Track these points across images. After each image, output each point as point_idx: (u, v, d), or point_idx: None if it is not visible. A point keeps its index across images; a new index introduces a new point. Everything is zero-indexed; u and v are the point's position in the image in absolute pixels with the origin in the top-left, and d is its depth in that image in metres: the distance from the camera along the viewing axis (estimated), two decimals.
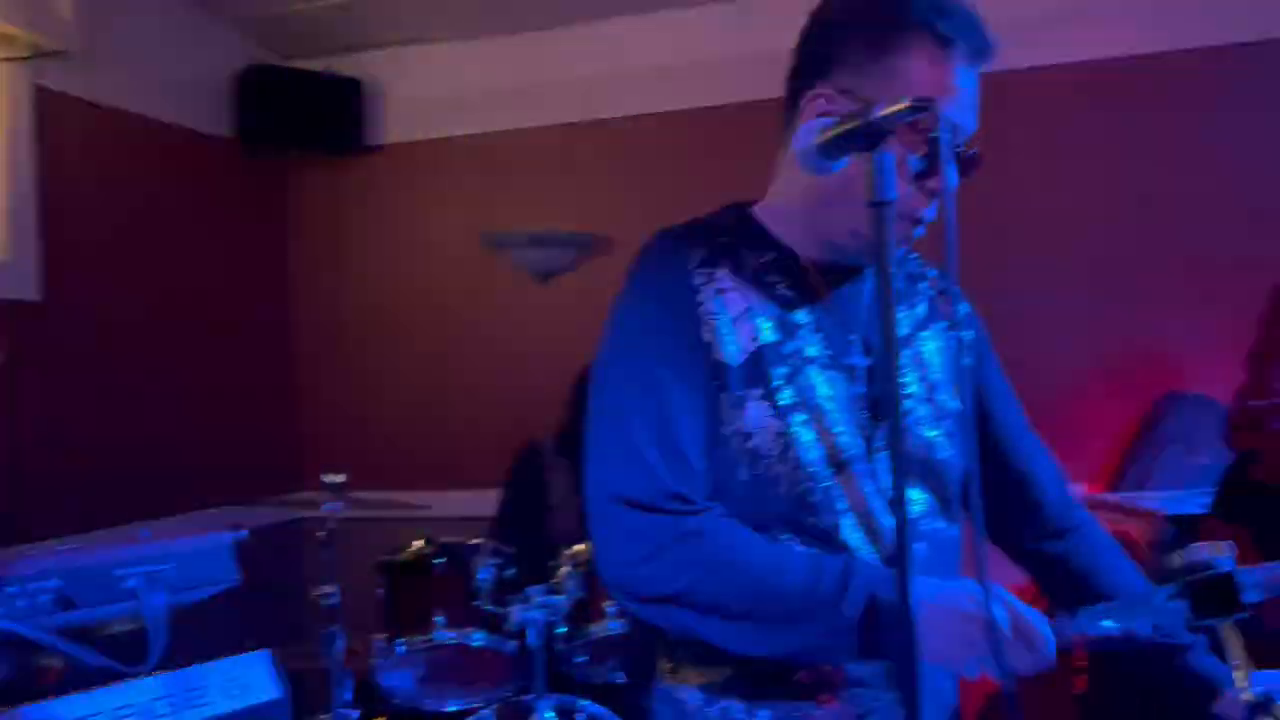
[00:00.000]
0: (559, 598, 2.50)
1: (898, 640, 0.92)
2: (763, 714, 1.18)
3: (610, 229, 3.72)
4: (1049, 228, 3.34)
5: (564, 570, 2.60)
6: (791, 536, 1.17)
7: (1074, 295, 3.32)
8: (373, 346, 3.98)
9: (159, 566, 1.51)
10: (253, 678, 1.63)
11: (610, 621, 2.58)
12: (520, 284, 3.82)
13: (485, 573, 2.57)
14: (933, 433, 1.26)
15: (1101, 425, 3.28)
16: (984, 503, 1.06)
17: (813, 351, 1.21)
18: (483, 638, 2.55)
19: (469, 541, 2.62)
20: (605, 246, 3.74)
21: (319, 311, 4.05)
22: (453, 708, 2.67)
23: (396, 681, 2.64)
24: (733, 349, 1.18)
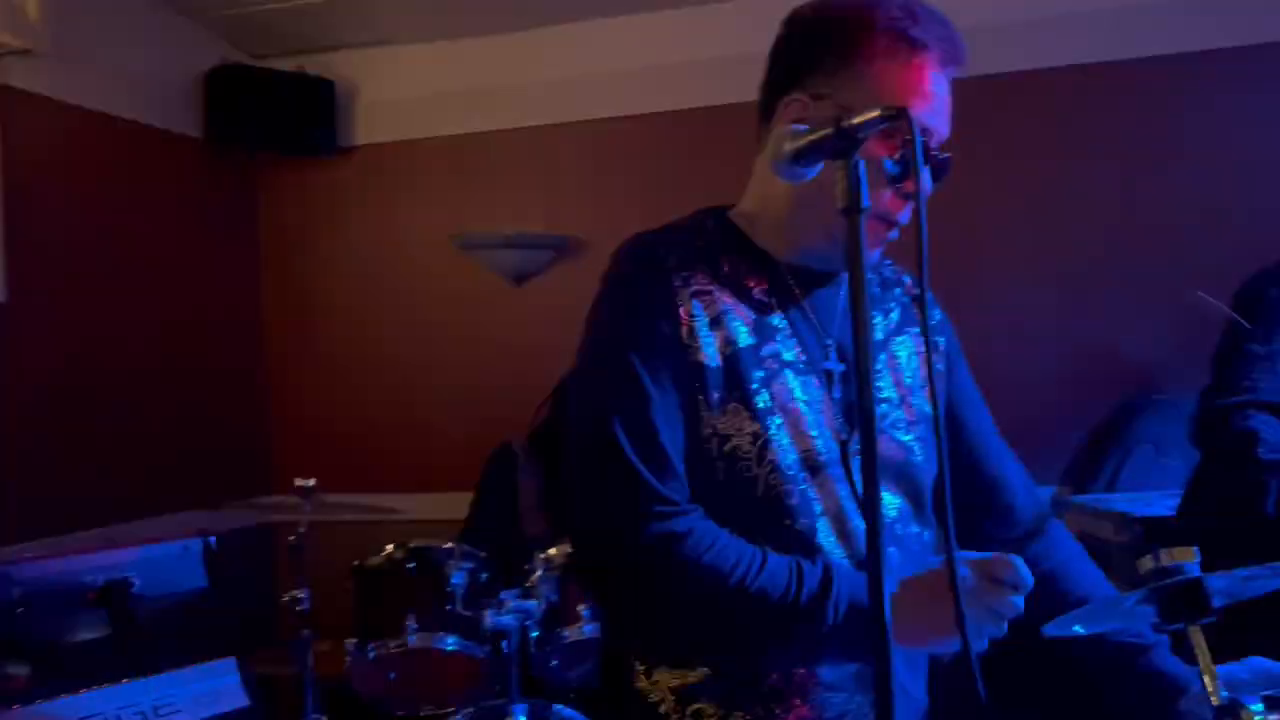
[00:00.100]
0: (532, 602, 2.49)
1: (875, 645, 0.92)
2: (735, 718, 1.18)
3: (583, 232, 3.72)
4: (1018, 232, 3.38)
5: (537, 574, 2.59)
6: (766, 538, 1.17)
7: (1043, 298, 3.35)
8: (344, 349, 3.95)
9: (127, 572, 1.50)
10: (221, 686, 1.61)
11: (584, 625, 2.57)
12: (493, 286, 3.81)
13: (458, 577, 2.56)
14: (906, 437, 1.27)
15: (1070, 427, 3.31)
16: (948, 505, 1.06)
17: (789, 355, 1.22)
18: (455, 642, 2.54)
19: (441, 545, 2.61)
20: (578, 249, 3.74)
21: (290, 314, 4.01)
22: (425, 713, 2.66)
23: (368, 687, 2.62)
24: (710, 351, 1.18)
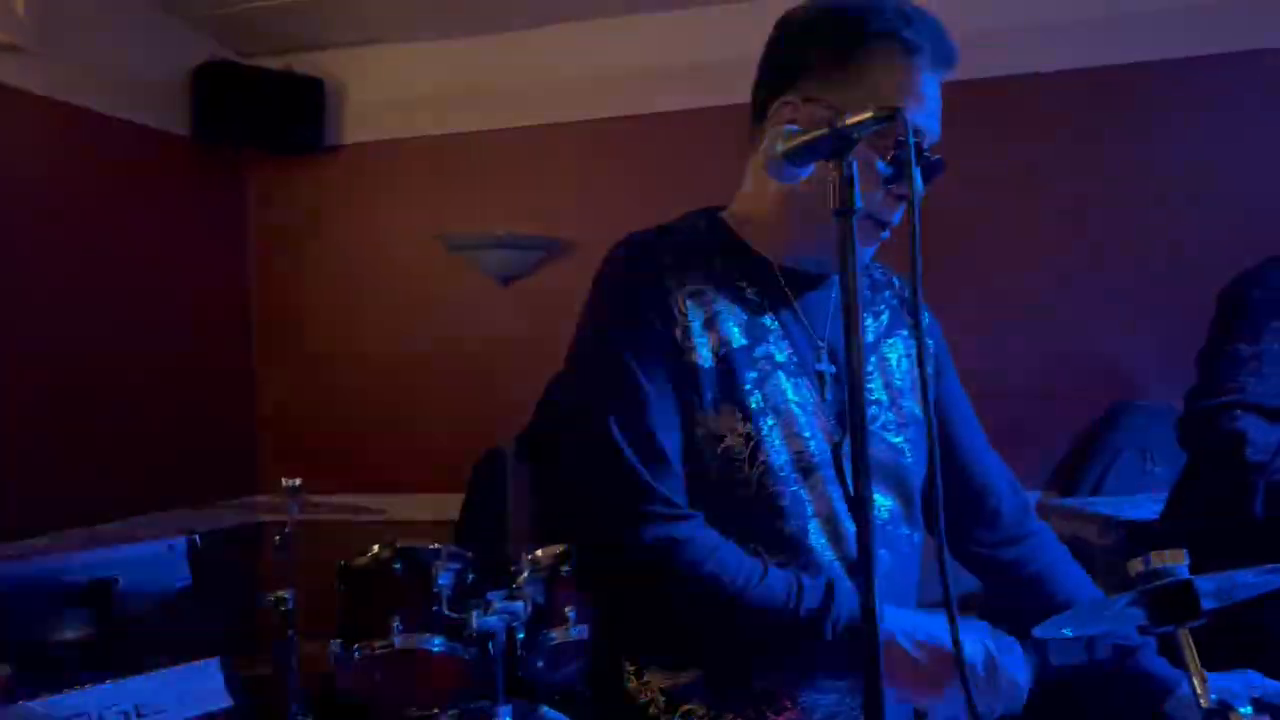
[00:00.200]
0: (519, 603, 2.48)
1: (864, 661, 0.93)
2: (725, 719, 1.18)
3: (572, 233, 3.72)
4: (1004, 236, 3.39)
5: (524, 576, 2.59)
6: (758, 539, 1.17)
7: (1028, 303, 3.37)
8: (331, 348, 3.93)
9: (111, 571, 1.48)
10: (205, 686, 1.60)
11: (570, 627, 2.57)
12: (481, 286, 3.80)
13: (444, 578, 2.55)
14: (897, 439, 1.27)
15: (1056, 431, 3.33)
16: (938, 507, 1.06)
17: (781, 357, 1.22)
18: (441, 643, 2.53)
19: (428, 546, 2.60)
20: (566, 250, 3.74)
21: (277, 312, 4.00)
22: (411, 714, 2.65)
23: (353, 688, 2.61)
24: (704, 352, 1.18)
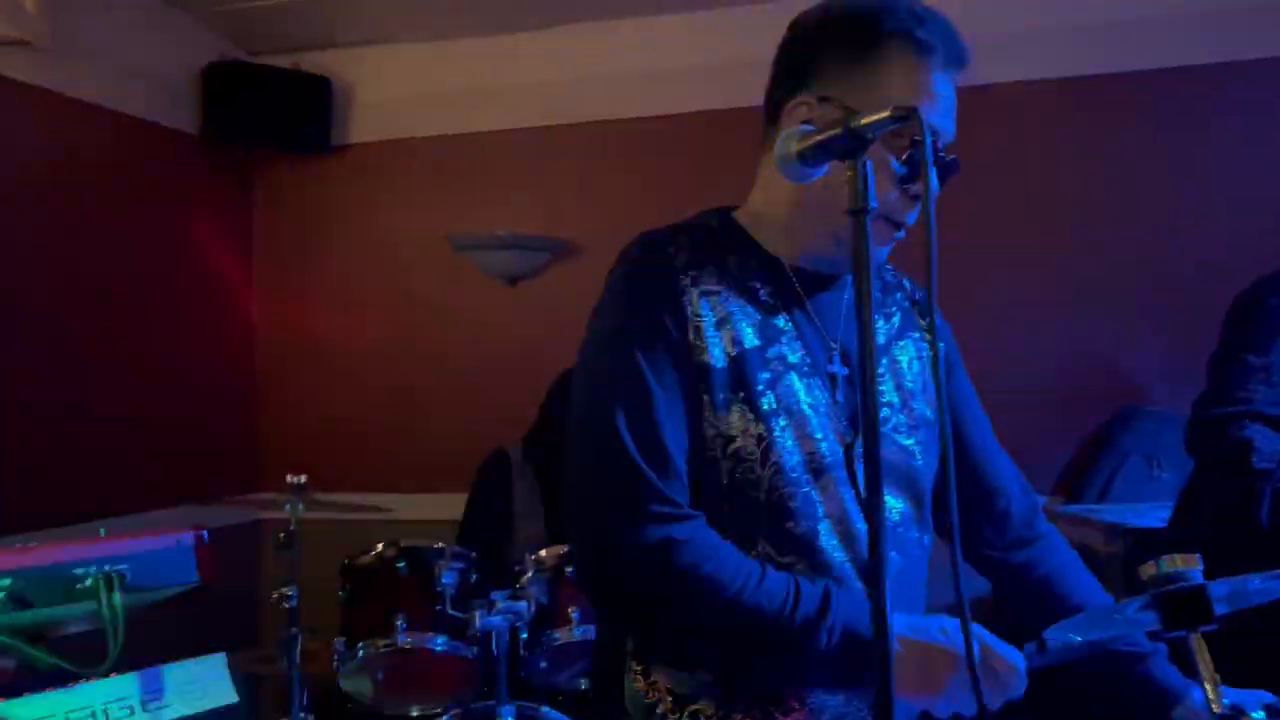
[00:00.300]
0: (522, 603, 2.48)
1: (870, 669, 0.92)
2: None
3: (578, 234, 3.72)
4: (1014, 243, 3.38)
5: (528, 576, 2.59)
6: (768, 542, 1.17)
7: (1037, 309, 3.36)
8: (337, 347, 3.93)
9: (117, 565, 1.48)
10: (210, 682, 1.60)
11: (574, 628, 2.57)
12: (487, 287, 3.80)
13: (448, 577, 2.55)
14: (908, 441, 1.27)
15: (1063, 437, 3.32)
16: (949, 510, 1.05)
17: (794, 358, 1.22)
18: (444, 642, 2.53)
19: (432, 545, 2.60)
20: (572, 251, 3.74)
21: (283, 310, 4.00)
22: (413, 713, 2.65)
23: (356, 686, 2.61)
24: (716, 352, 1.18)
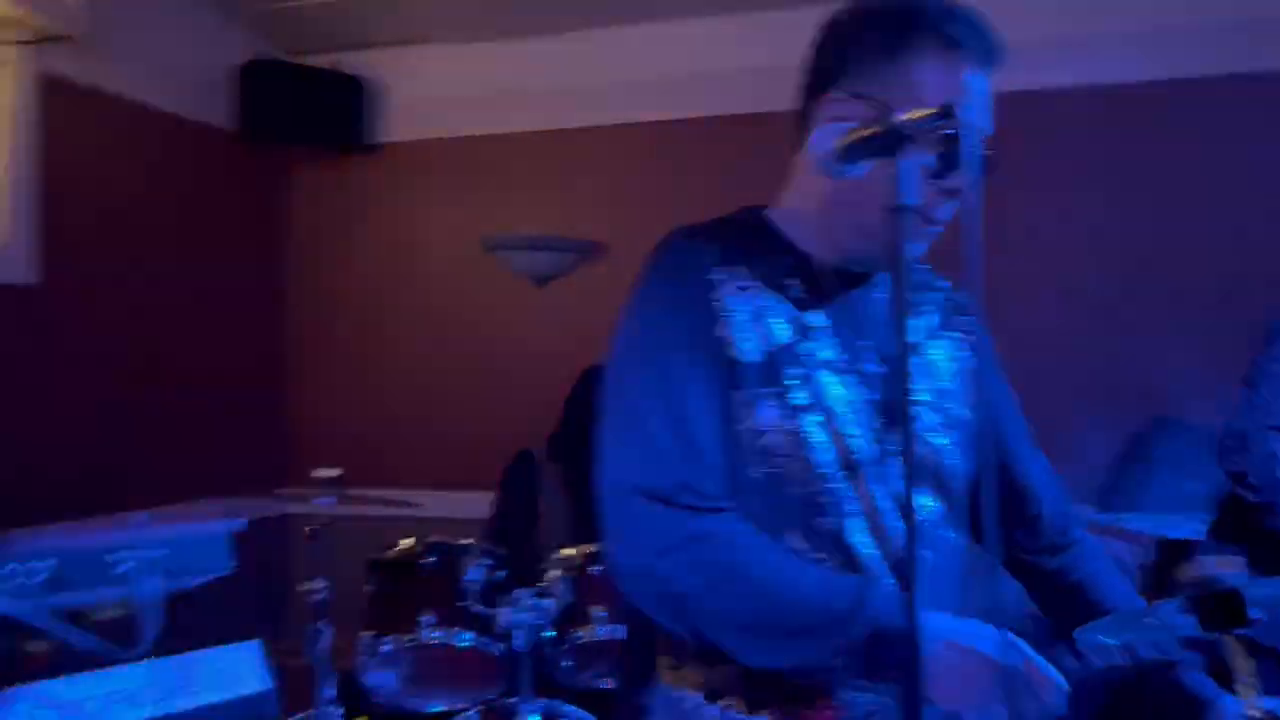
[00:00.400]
0: (547, 601, 2.49)
1: (903, 664, 0.92)
2: (762, 718, 1.18)
3: (607, 236, 3.73)
4: (1047, 251, 3.37)
5: (553, 574, 2.59)
6: (800, 537, 1.17)
7: (1069, 317, 3.34)
8: (368, 343, 3.97)
9: (154, 552, 1.50)
10: (243, 668, 1.61)
11: (598, 627, 2.57)
12: (516, 287, 3.82)
13: (474, 574, 2.56)
14: (942, 440, 1.27)
15: (1093, 446, 3.30)
16: (984, 511, 1.05)
17: (827, 355, 1.22)
18: (470, 639, 2.54)
19: (459, 542, 2.61)
20: (602, 253, 3.74)
21: (315, 306, 4.03)
22: (436, 708, 2.65)
23: (381, 680, 2.62)
24: (748, 347, 1.18)
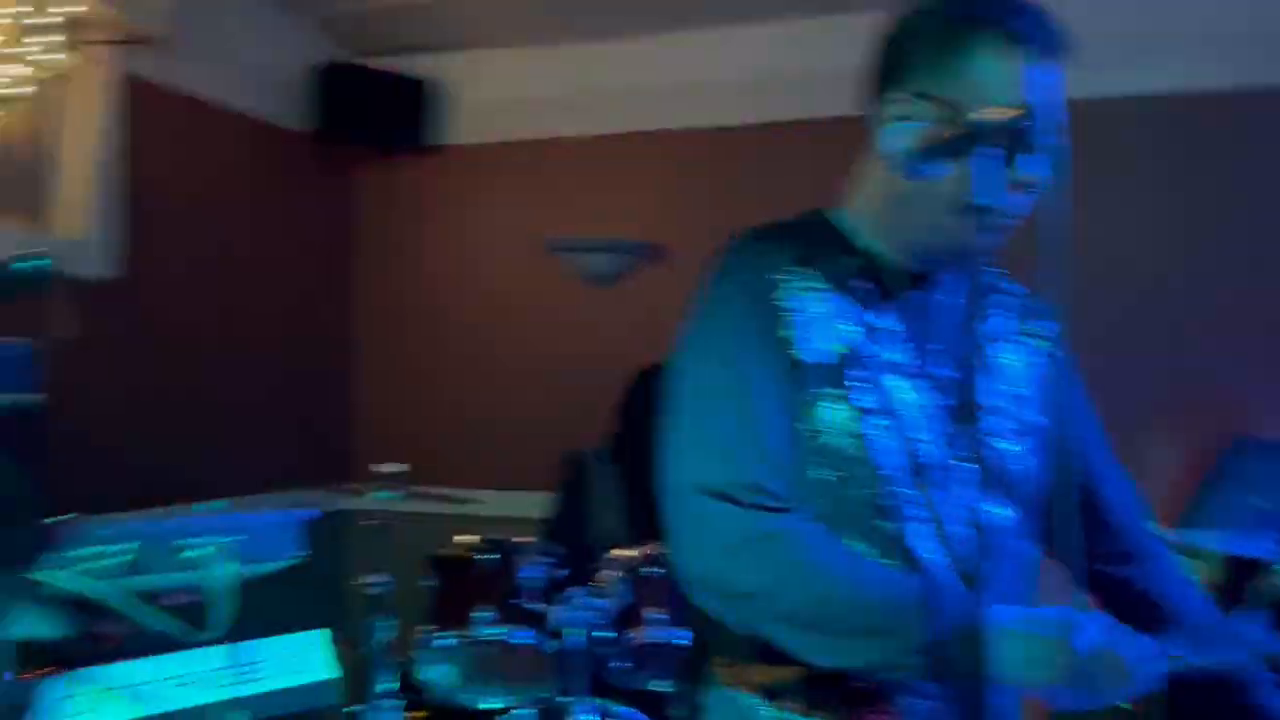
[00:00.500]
0: (603, 601, 2.49)
1: (971, 666, 0.91)
2: (819, 717, 1.17)
3: (668, 238, 3.74)
4: (1124, 263, 3.29)
5: (609, 574, 2.60)
6: (863, 541, 1.16)
7: (1145, 330, 3.27)
8: (432, 342, 4.02)
9: (228, 538, 1.53)
10: (310, 656, 1.64)
11: (653, 629, 2.57)
12: (577, 289, 3.85)
13: (533, 572, 2.57)
14: (1013, 446, 1.25)
15: (1168, 465, 3.22)
16: (1057, 519, 1.03)
17: (895, 357, 1.21)
18: (525, 636, 2.55)
19: (518, 540, 2.63)
20: (663, 255, 3.75)
21: (382, 305, 4.10)
22: (490, 704, 2.68)
23: (436, 675, 2.65)
24: (814, 349, 1.18)
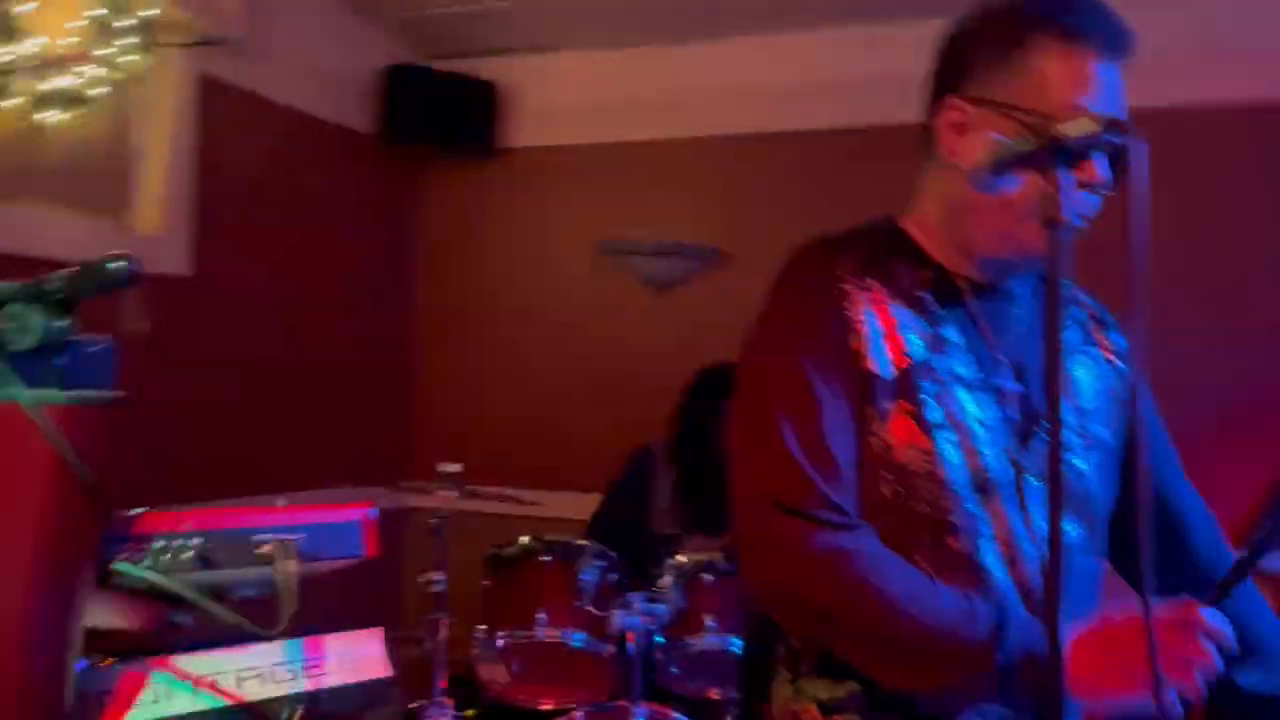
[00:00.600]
0: (660, 606, 2.49)
1: (1044, 692, 0.89)
2: None
3: (729, 244, 3.73)
4: (1200, 277, 3.20)
5: (667, 579, 2.59)
6: (928, 557, 1.14)
7: (1223, 349, 3.18)
8: (493, 343, 4.05)
9: (294, 534, 1.55)
10: (368, 654, 1.66)
11: (709, 635, 2.56)
12: (635, 293, 3.85)
13: (589, 574, 2.58)
14: (1082, 463, 1.22)
15: (1238, 485, 3.13)
16: (1127, 541, 1.00)
17: (962, 371, 1.19)
18: (582, 639, 2.55)
19: (576, 542, 2.64)
20: (722, 261, 3.74)
21: (443, 305, 4.14)
22: (545, 706, 2.68)
23: (492, 674, 2.66)
24: (882, 361, 1.16)
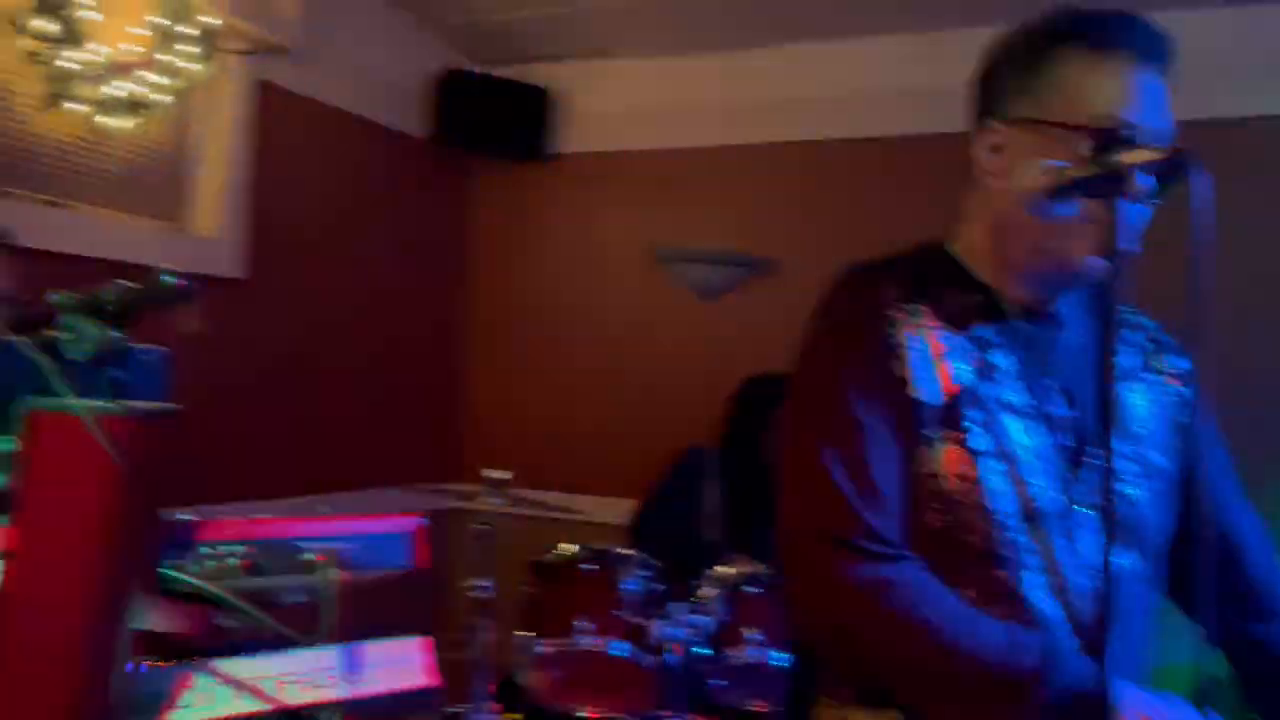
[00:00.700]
0: (702, 618, 2.48)
1: None
2: None
3: (778, 253, 3.70)
4: (1262, 292, 3.11)
5: (708, 591, 2.58)
6: (975, 587, 1.12)
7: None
8: (541, 349, 4.07)
9: (341, 544, 1.58)
10: (413, 662, 1.67)
11: (751, 648, 2.54)
12: (684, 300, 3.84)
13: (632, 584, 2.57)
14: (1137, 491, 1.19)
15: None
16: (1183, 572, 0.97)
17: (1011, 398, 1.17)
18: (624, 648, 2.55)
19: (621, 550, 2.63)
20: (771, 270, 3.72)
21: (492, 310, 4.16)
22: (591, 716, 2.68)
23: (534, 681, 2.67)
24: (928, 388, 1.14)
